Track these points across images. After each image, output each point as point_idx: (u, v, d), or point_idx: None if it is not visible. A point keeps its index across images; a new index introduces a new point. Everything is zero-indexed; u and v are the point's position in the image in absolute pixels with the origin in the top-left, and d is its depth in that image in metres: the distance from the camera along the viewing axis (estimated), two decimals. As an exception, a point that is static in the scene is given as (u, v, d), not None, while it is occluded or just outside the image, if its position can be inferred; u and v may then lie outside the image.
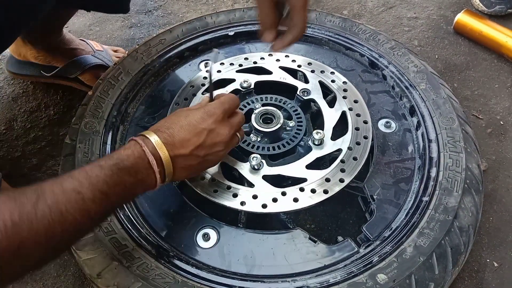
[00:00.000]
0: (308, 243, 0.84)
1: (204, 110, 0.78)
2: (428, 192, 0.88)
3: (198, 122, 0.76)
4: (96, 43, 1.36)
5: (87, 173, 0.64)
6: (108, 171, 0.66)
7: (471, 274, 0.98)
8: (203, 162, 0.79)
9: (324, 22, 1.21)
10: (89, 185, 0.63)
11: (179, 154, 0.74)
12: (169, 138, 0.74)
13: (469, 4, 1.60)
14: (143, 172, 0.70)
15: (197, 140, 0.75)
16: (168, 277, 0.77)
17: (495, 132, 1.25)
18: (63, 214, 0.59)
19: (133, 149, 0.71)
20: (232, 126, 0.81)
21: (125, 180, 0.67)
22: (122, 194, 0.68)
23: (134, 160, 0.69)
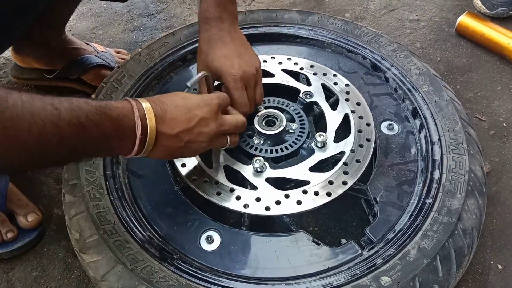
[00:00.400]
0: (311, 245, 0.84)
1: (202, 97, 0.79)
2: (432, 194, 0.88)
3: (193, 107, 0.76)
4: (99, 45, 1.37)
5: (72, 100, 0.62)
6: (93, 109, 0.64)
7: (475, 276, 0.98)
8: (183, 148, 0.77)
9: (326, 24, 1.21)
10: (69, 109, 0.61)
11: (164, 132, 0.73)
12: (161, 113, 0.72)
13: (471, 6, 1.60)
14: (125, 130, 0.69)
15: (187, 124, 0.75)
16: (171, 280, 0.77)
17: (498, 134, 1.25)
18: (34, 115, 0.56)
19: (123, 105, 0.69)
20: (222, 123, 0.80)
21: (105, 126, 0.65)
22: (97, 137, 0.65)
23: (121, 114, 0.68)
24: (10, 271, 1.02)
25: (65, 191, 0.90)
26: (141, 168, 0.97)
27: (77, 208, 0.86)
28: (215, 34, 0.93)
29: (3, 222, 1.03)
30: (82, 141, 0.64)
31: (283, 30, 1.22)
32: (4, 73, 1.42)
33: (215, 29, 0.93)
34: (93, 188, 0.88)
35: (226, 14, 0.94)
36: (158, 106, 0.73)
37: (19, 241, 1.03)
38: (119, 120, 0.67)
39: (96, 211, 0.85)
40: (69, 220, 0.86)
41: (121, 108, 0.68)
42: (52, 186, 1.16)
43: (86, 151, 0.69)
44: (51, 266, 1.02)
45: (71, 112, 0.61)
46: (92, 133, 0.64)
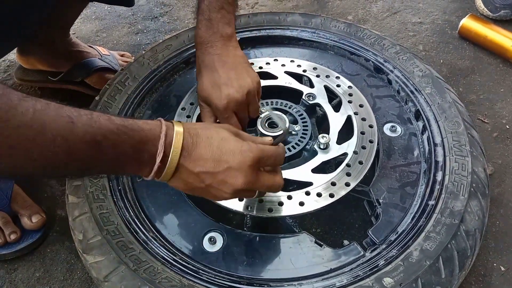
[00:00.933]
0: (314, 247, 0.84)
1: (241, 146, 0.69)
2: (434, 196, 0.88)
3: (226, 152, 0.68)
4: (102, 48, 1.38)
5: (92, 115, 0.59)
6: (114, 128, 0.60)
7: (478, 278, 0.98)
8: (204, 189, 0.71)
9: (329, 27, 1.22)
10: (87, 125, 0.57)
11: (186, 167, 0.68)
12: (190, 146, 0.67)
13: (474, 9, 1.60)
14: (144, 155, 0.65)
15: (213, 167, 0.68)
16: (174, 281, 0.77)
17: (501, 136, 1.24)
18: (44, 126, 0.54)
19: (152, 127, 0.65)
20: (254, 181, 0.71)
21: (123, 148, 0.62)
22: (113, 158, 0.62)
23: (145, 137, 0.64)
24: (13, 271, 1.02)
25: (69, 192, 0.90)
26: (144, 169, 0.97)
27: (80, 209, 0.86)
28: (205, 61, 0.92)
29: (7, 224, 1.03)
30: (94, 160, 0.61)
31: (286, 33, 1.23)
32: (9, 75, 1.43)
33: (205, 55, 0.92)
34: (96, 189, 0.89)
35: (216, 37, 0.92)
36: (190, 138, 0.68)
37: (23, 242, 1.03)
38: (141, 143, 0.64)
39: (99, 212, 0.85)
40: (73, 221, 0.87)
41: (147, 131, 0.65)
42: (55, 187, 1.16)
43: (99, 170, 0.67)
44: (54, 267, 1.03)
45: (88, 128, 0.58)
46: (107, 153, 0.61)
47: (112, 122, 0.61)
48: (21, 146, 0.53)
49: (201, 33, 0.93)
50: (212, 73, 0.91)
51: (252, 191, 0.75)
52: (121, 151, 0.62)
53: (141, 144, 0.64)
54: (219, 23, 0.93)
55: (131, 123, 0.64)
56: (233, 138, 0.71)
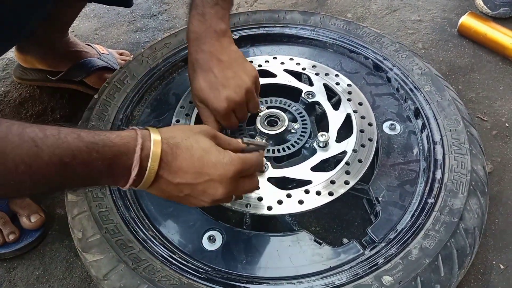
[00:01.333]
0: (313, 245, 0.84)
1: (223, 158, 0.69)
2: (434, 194, 0.88)
3: (207, 165, 0.68)
4: (101, 47, 1.37)
5: (60, 134, 0.57)
6: (83, 146, 0.58)
7: (477, 276, 0.98)
8: (181, 198, 0.71)
9: (329, 25, 1.22)
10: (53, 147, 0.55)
11: (166, 178, 0.67)
12: (170, 158, 0.66)
13: (473, 7, 1.60)
14: (119, 169, 0.63)
15: (193, 179, 0.67)
16: (174, 279, 0.77)
17: (500, 134, 1.24)
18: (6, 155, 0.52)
19: (126, 141, 0.63)
20: (233, 190, 0.72)
21: (95, 165, 0.60)
22: (84, 175, 0.60)
23: (118, 152, 0.62)
24: (13, 270, 1.02)
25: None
26: (143, 168, 0.97)
27: (79, 207, 0.86)
28: (199, 59, 0.89)
29: (6, 224, 1.03)
30: (64, 180, 0.59)
31: (285, 31, 1.22)
32: (7, 74, 1.42)
33: (199, 53, 0.90)
34: (95, 187, 0.89)
35: (210, 33, 0.89)
36: (169, 148, 0.66)
37: (22, 242, 1.03)
38: (114, 158, 0.62)
39: (98, 210, 0.85)
40: (72, 219, 0.86)
41: (120, 145, 0.62)
42: (54, 186, 1.16)
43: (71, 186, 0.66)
44: (54, 265, 1.03)
45: (54, 149, 0.55)
46: (78, 172, 0.59)
47: (82, 140, 0.59)
48: None
49: (193, 28, 0.90)
50: (207, 73, 0.88)
51: (230, 198, 0.75)
52: (93, 168, 0.60)
53: (115, 159, 0.62)
54: (212, 18, 0.90)
55: (102, 138, 0.61)
56: (214, 148, 0.70)
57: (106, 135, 0.62)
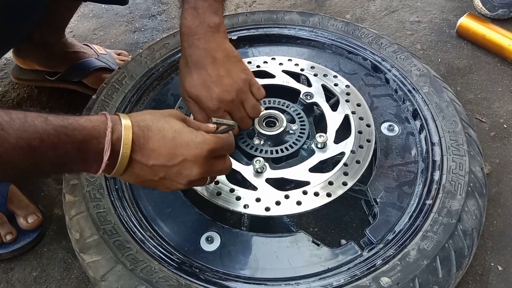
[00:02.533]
0: (311, 246, 0.84)
1: (195, 137, 0.69)
2: (432, 195, 0.88)
3: (180, 145, 0.67)
4: (99, 47, 1.37)
5: (27, 118, 0.56)
6: (51, 130, 0.57)
7: (475, 277, 0.98)
8: (156, 182, 0.71)
9: (327, 26, 1.22)
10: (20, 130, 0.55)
11: (139, 160, 0.66)
12: (142, 140, 0.65)
13: (471, 8, 1.60)
14: (90, 153, 0.62)
15: (167, 160, 0.67)
16: (171, 280, 0.77)
17: (498, 135, 1.25)
18: None
19: (95, 125, 0.62)
20: (208, 170, 0.72)
21: (64, 149, 0.59)
22: (53, 160, 0.59)
23: (88, 136, 0.61)
24: (10, 271, 1.02)
25: (66, 191, 0.90)
26: (141, 168, 0.97)
27: (77, 208, 0.86)
28: (192, 56, 0.87)
29: (3, 224, 1.03)
30: (34, 165, 0.58)
31: (284, 31, 1.22)
32: (5, 74, 1.42)
33: (192, 49, 0.88)
34: (93, 188, 0.88)
35: (203, 28, 0.87)
36: (141, 131, 0.66)
37: (19, 242, 1.03)
38: (84, 142, 0.61)
39: (96, 211, 0.85)
40: (69, 220, 0.86)
41: (90, 128, 0.61)
42: (52, 186, 1.16)
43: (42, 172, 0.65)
44: (51, 266, 1.03)
45: (21, 133, 0.55)
46: (47, 156, 0.58)
47: (50, 124, 0.58)
48: None
49: (186, 23, 0.87)
50: (201, 70, 0.87)
51: (205, 179, 0.75)
52: (62, 153, 0.59)
53: (85, 144, 0.61)
54: (205, 12, 0.86)
55: (71, 122, 0.60)
56: (186, 129, 0.70)
57: (75, 119, 0.61)
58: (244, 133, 0.98)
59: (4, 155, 0.54)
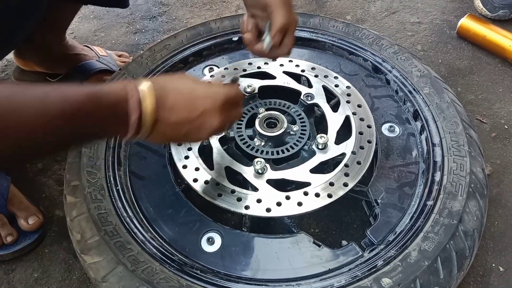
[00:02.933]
0: (312, 247, 0.84)
1: (211, 89, 0.74)
2: (433, 196, 0.88)
3: (198, 98, 0.71)
4: (100, 48, 1.37)
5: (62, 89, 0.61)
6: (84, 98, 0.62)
7: (477, 278, 0.98)
8: (181, 136, 0.74)
9: (328, 27, 1.22)
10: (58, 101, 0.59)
11: (163, 118, 0.69)
12: (162, 98, 0.68)
13: (472, 9, 1.60)
14: (119, 115, 0.66)
15: (188, 114, 0.71)
16: (172, 281, 0.77)
17: (499, 136, 1.24)
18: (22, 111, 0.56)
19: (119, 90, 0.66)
20: (225, 119, 0.76)
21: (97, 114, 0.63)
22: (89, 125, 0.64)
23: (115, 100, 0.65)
24: (11, 272, 1.02)
25: (67, 192, 0.90)
26: (142, 169, 0.97)
27: (78, 209, 0.86)
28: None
29: (3, 225, 1.03)
30: (72, 131, 0.62)
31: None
32: (7, 75, 1.42)
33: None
34: (94, 189, 0.88)
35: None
36: (160, 90, 0.69)
37: (20, 243, 1.03)
38: (112, 106, 0.64)
39: (97, 212, 0.85)
40: (71, 221, 0.86)
41: (115, 93, 0.65)
42: (53, 187, 1.16)
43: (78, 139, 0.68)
44: (52, 267, 1.02)
45: (59, 104, 0.59)
46: (83, 122, 0.62)
47: (84, 92, 0.62)
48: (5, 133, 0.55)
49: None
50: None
51: (223, 127, 0.78)
52: (96, 117, 0.63)
53: (116, 105, 0.65)
54: None
55: (98, 89, 0.64)
56: (199, 83, 0.75)
57: (101, 86, 0.65)
58: (245, 134, 0.98)
59: (48, 124, 0.58)
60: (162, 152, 1.00)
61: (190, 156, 0.93)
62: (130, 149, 1.00)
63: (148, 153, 1.00)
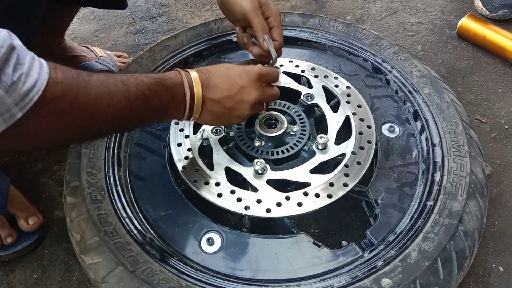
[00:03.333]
0: (312, 247, 0.84)
1: (244, 68, 0.84)
2: (433, 197, 0.88)
3: (235, 76, 0.82)
4: (99, 49, 1.37)
5: (135, 76, 0.73)
6: (153, 81, 0.74)
7: (477, 279, 0.98)
8: (228, 114, 0.84)
9: (328, 27, 1.22)
10: (135, 84, 0.71)
11: (209, 97, 0.81)
12: (206, 81, 0.81)
13: (472, 9, 1.60)
14: (177, 96, 0.78)
15: (228, 91, 0.82)
16: (172, 282, 0.77)
17: (499, 136, 1.24)
18: (111, 92, 0.67)
19: (175, 75, 0.79)
20: (262, 93, 0.85)
21: (163, 95, 0.76)
22: (157, 104, 0.75)
23: (173, 83, 0.77)
24: (11, 273, 1.02)
25: (66, 193, 0.90)
26: (142, 170, 0.97)
27: (78, 210, 0.86)
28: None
29: (3, 226, 1.03)
30: (147, 109, 0.74)
31: (285, 33, 1.21)
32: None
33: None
34: (94, 190, 0.88)
35: None
36: (204, 75, 0.81)
37: (20, 244, 1.03)
38: (173, 88, 0.77)
39: (97, 213, 0.85)
40: (70, 222, 0.86)
41: (173, 78, 0.78)
42: (53, 188, 1.16)
43: (150, 118, 0.79)
44: (52, 268, 1.03)
45: (136, 86, 0.71)
46: (153, 102, 0.74)
47: (150, 78, 0.75)
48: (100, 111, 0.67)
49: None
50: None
51: (262, 104, 0.90)
52: (163, 98, 0.76)
53: (174, 89, 0.77)
54: None
55: (161, 75, 0.78)
56: (235, 65, 0.86)
57: (161, 74, 0.79)
58: (245, 134, 0.98)
59: (131, 103, 0.70)
60: (162, 152, 1.00)
61: (190, 156, 0.93)
62: (130, 150, 1.00)
63: (148, 154, 1.00)
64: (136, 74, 0.74)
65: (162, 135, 1.03)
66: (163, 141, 1.01)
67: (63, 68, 0.65)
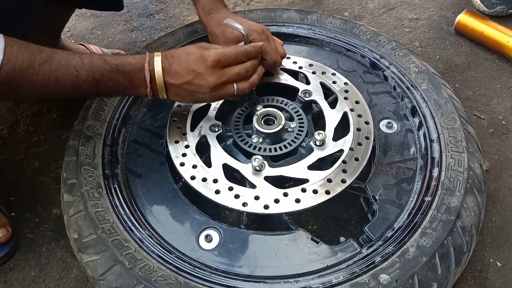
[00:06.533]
0: (310, 243, 0.84)
1: (202, 53, 0.86)
2: (430, 192, 0.88)
3: (191, 63, 0.85)
4: (95, 47, 1.37)
5: (92, 60, 0.82)
6: (107, 67, 0.82)
7: (474, 274, 0.98)
8: (193, 95, 0.89)
9: (325, 23, 1.21)
10: (88, 70, 0.81)
11: (170, 82, 0.86)
12: (168, 66, 0.85)
13: (470, 5, 1.60)
14: (137, 81, 0.85)
15: (186, 77, 0.85)
16: (170, 279, 0.77)
17: (497, 132, 1.25)
18: (58, 79, 0.78)
19: (137, 60, 0.85)
20: (221, 76, 0.87)
21: (119, 80, 0.84)
22: (113, 87, 0.85)
23: (133, 68, 0.84)
24: (9, 271, 1.02)
25: (64, 190, 0.90)
26: (139, 167, 0.97)
27: (75, 207, 0.86)
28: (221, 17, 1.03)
29: None
30: (99, 90, 0.84)
31: (282, 29, 1.22)
32: (3, 74, 1.42)
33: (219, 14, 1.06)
34: (91, 187, 0.88)
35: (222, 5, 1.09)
36: (167, 61, 0.86)
37: None
38: (131, 73, 0.84)
39: (94, 210, 0.85)
40: (68, 219, 0.86)
41: (134, 63, 0.85)
42: (50, 185, 1.16)
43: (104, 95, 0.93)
44: (50, 265, 1.02)
45: (88, 72, 0.80)
46: (107, 84, 0.83)
47: (107, 63, 0.83)
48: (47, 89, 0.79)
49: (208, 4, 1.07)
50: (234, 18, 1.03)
51: (228, 87, 0.89)
52: (118, 82, 0.84)
53: (132, 74, 0.85)
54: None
55: (122, 60, 0.85)
56: (197, 49, 0.87)
57: (124, 57, 0.86)
58: (243, 131, 0.98)
59: (79, 87, 0.81)
60: (159, 149, 1.00)
61: (188, 153, 0.93)
62: (127, 147, 1.00)
63: (145, 151, 1.00)
64: (94, 58, 0.82)
65: (160, 132, 1.02)
66: (161, 138, 1.01)
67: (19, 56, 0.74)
